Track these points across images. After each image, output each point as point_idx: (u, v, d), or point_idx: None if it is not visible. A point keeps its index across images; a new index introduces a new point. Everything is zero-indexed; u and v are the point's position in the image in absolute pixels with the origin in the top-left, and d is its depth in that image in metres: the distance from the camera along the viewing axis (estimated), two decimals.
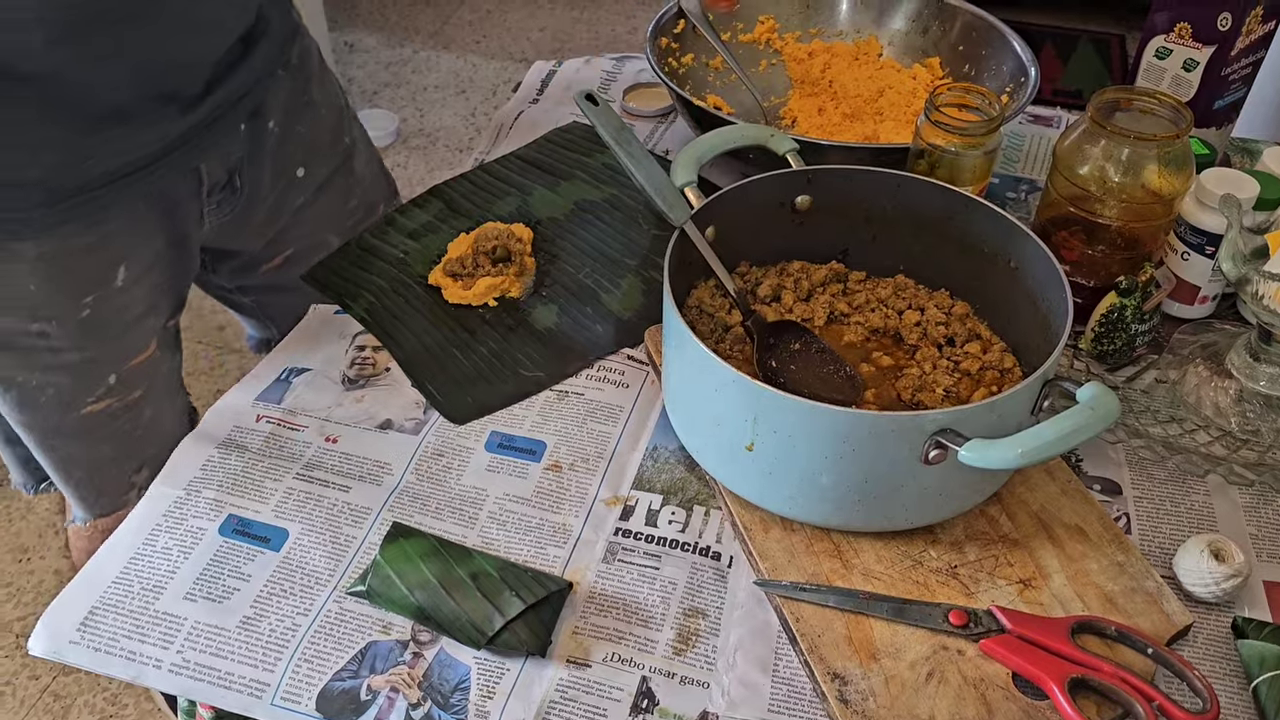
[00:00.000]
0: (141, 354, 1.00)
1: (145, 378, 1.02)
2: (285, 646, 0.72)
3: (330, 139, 1.11)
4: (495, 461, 0.84)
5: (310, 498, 0.81)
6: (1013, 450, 0.65)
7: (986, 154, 0.92)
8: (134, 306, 0.97)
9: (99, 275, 0.92)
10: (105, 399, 0.99)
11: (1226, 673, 0.71)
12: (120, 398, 1.00)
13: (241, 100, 0.95)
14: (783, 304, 0.89)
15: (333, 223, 1.12)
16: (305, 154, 1.07)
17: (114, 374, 0.98)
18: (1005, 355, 0.84)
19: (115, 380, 0.98)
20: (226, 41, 0.91)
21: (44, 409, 0.97)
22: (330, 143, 1.11)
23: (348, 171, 1.13)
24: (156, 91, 0.86)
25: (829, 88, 1.19)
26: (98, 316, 0.93)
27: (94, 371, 0.97)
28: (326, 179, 1.10)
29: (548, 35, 3.25)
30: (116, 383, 0.99)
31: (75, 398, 0.97)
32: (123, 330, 0.97)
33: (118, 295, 0.94)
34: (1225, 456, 0.84)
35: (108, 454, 1.04)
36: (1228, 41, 1.00)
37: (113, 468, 1.05)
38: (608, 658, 0.71)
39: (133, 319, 0.97)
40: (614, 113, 0.87)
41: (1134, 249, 0.91)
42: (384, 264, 1.02)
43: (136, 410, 1.02)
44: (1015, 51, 1.11)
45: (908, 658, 0.69)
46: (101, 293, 0.93)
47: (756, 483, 0.76)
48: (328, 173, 1.10)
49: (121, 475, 1.06)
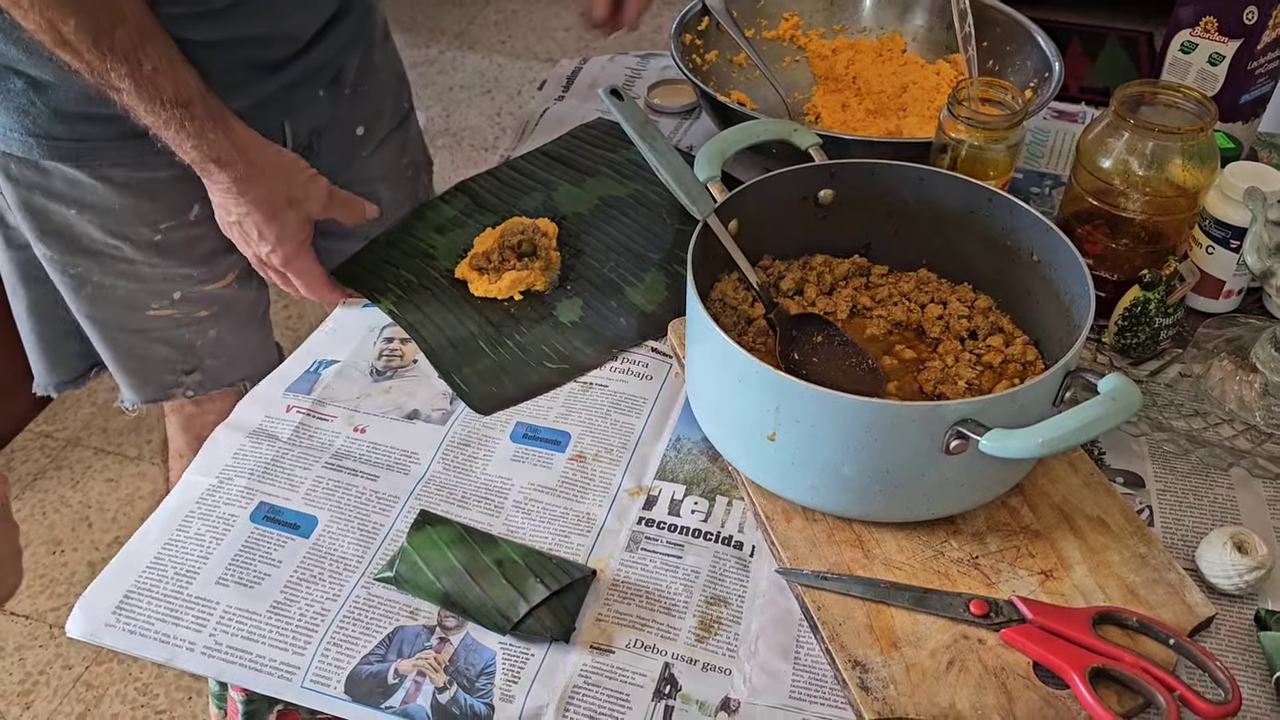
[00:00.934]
0: (217, 282, 1.09)
1: (216, 302, 1.11)
2: (315, 631, 0.73)
3: (392, 102, 1.19)
4: (520, 451, 0.86)
5: (339, 486, 0.83)
6: (1034, 439, 0.65)
7: (1009, 148, 0.92)
8: (208, 239, 1.04)
9: (175, 206, 1.01)
10: (170, 309, 1.08)
11: (1249, 665, 0.71)
12: (185, 312, 1.09)
13: (323, 68, 1.03)
14: (805, 297, 0.90)
15: (387, 177, 1.20)
16: (368, 114, 1.14)
17: (179, 291, 1.07)
18: (1028, 349, 0.85)
19: (180, 297, 1.07)
20: (322, 18, 1.01)
21: (112, 305, 1.07)
22: (391, 105, 1.19)
23: (404, 131, 1.22)
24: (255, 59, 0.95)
25: (852, 84, 1.20)
26: (169, 242, 1.03)
27: (162, 286, 1.06)
28: (385, 136, 1.18)
29: (572, 34, 3.26)
30: (181, 299, 1.08)
31: (142, 301, 1.07)
32: (196, 260, 1.06)
33: (191, 227, 1.03)
34: (1249, 450, 0.84)
35: (163, 354, 1.12)
36: (1254, 35, 1.00)
37: (165, 365, 1.13)
38: (631, 644, 0.72)
39: (207, 251, 1.06)
40: (638, 108, 0.88)
41: (1158, 243, 0.91)
42: (411, 258, 1.04)
43: (201, 326, 1.11)
44: (1040, 47, 1.11)
45: (929, 646, 0.70)
46: (175, 222, 1.02)
47: (779, 473, 0.76)
48: (386, 130, 1.18)
49: (172, 373, 1.14)
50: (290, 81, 1.00)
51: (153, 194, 0.99)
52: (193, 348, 1.12)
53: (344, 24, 1.04)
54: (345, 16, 1.04)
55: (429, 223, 1.08)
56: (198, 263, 1.06)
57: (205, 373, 1.15)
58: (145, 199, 0.99)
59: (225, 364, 1.16)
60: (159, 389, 1.15)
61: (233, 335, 1.15)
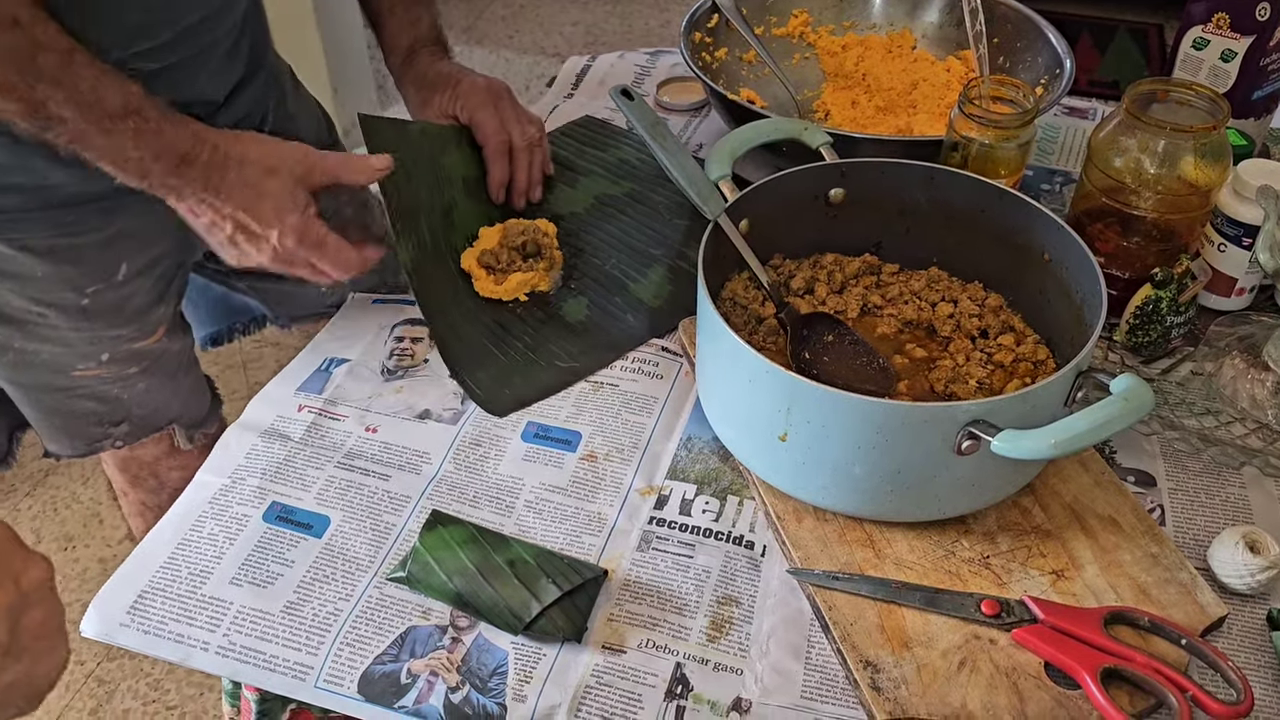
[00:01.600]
0: (146, 339, 1.06)
1: (145, 358, 1.08)
2: (328, 630, 0.74)
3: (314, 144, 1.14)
4: (531, 451, 0.86)
5: (351, 486, 0.83)
6: (1045, 440, 0.65)
7: (1020, 146, 0.92)
8: (136, 298, 1.02)
9: (101, 270, 0.98)
10: (97, 370, 1.05)
11: (1261, 664, 0.71)
12: (114, 372, 1.06)
13: (241, 123, 1.01)
14: (816, 296, 0.90)
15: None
16: None
17: (107, 353, 1.04)
18: (1039, 347, 0.85)
19: (108, 358, 1.05)
20: (230, 82, 0.99)
21: (35, 369, 1.04)
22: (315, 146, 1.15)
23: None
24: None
25: (862, 81, 1.19)
26: (96, 306, 1.00)
27: (89, 350, 1.03)
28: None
29: (580, 30, 3.26)
30: (109, 360, 1.05)
31: (67, 364, 1.04)
32: (124, 320, 1.03)
33: (119, 288, 1.00)
34: (1262, 449, 0.84)
35: (89, 408, 1.09)
36: (1266, 32, 0.99)
37: (91, 419, 1.10)
38: (642, 644, 0.73)
39: (135, 310, 1.03)
40: (649, 107, 0.88)
41: (1170, 241, 0.91)
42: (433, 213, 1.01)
43: (129, 382, 1.08)
44: (1050, 43, 1.11)
45: (940, 646, 0.70)
46: (102, 285, 0.99)
47: (790, 473, 0.76)
48: None
49: (100, 426, 1.11)
50: None
51: (77, 260, 0.96)
52: (120, 401, 1.09)
53: (253, 85, 1.03)
54: (252, 79, 1.03)
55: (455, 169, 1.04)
56: (126, 322, 1.03)
57: (133, 422, 1.12)
58: (69, 265, 0.96)
59: (153, 412, 1.13)
60: (87, 442, 1.12)
61: (161, 386, 1.12)
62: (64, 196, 0.91)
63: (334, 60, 2.50)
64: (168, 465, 1.23)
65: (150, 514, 1.27)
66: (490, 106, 1.03)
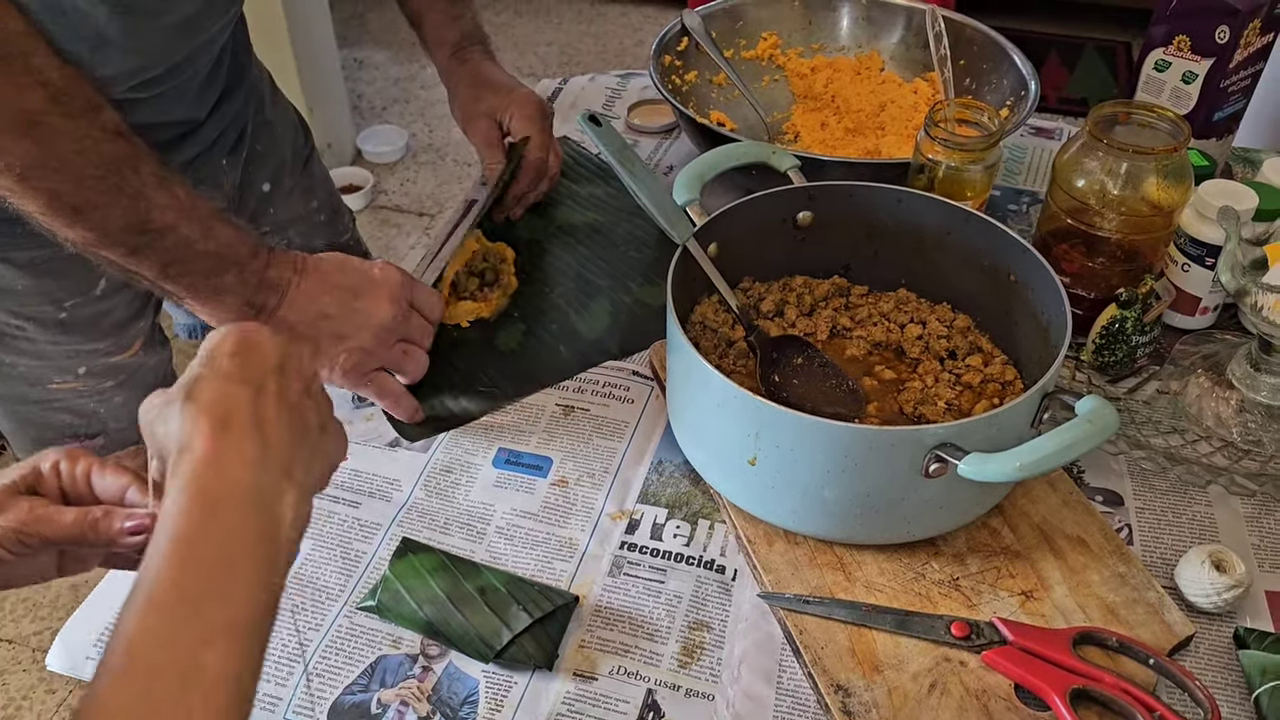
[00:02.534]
0: (123, 353, 1.06)
1: (122, 371, 1.07)
2: (296, 661, 0.73)
3: (292, 151, 1.17)
4: (502, 477, 0.86)
5: (321, 514, 0.83)
6: (1011, 464, 0.66)
7: (986, 168, 0.93)
8: (114, 312, 1.02)
9: (80, 283, 0.98)
10: (74, 383, 1.04)
11: (1228, 683, 0.72)
12: (91, 385, 1.06)
13: (219, 139, 1.02)
14: (785, 319, 0.90)
15: (295, 222, 1.19)
16: (271, 169, 1.13)
17: (84, 366, 1.04)
18: (1007, 368, 0.85)
19: (84, 371, 1.04)
20: (209, 103, 0.99)
21: (11, 381, 1.03)
22: (293, 154, 1.17)
23: (309, 175, 1.21)
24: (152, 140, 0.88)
25: (831, 102, 1.20)
26: (74, 319, 0.99)
27: (66, 363, 1.03)
28: (291, 186, 1.17)
29: (555, 50, 3.27)
30: (86, 373, 1.04)
31: (44, 377, 1.03)
32: (101, 334, 1.03)
33: (97, 302, 1.00)
34: (1227, 467, 0.84)
35: (65, 420, 1.08)
36: (1226, 54, 1.01)
37: (67, 430, 1.10)
38: (614, 670, 0.72)
39: (112, 324, 1.03)
40: (616, 133, 0.88)
41: (1134, 261, 0.92)
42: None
43: (105, 396, 1.08)
44: (1016, 65, 1.12)
45: (910, 669, 0.70)
46: (80, 300, 0.98)
47: (760, 496, 0.77)
48: (291, 179, 1.17)
49: (75, 438, 1.11)
50: (190, 158, 0.99)
51: (56, 272, 0.95)
52: (96, 415, 1.09)
53: (234, 99, 1.04)
54: (233, 94, 1.03)
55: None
56: (104, 336, 1.03)
57: (109, 435, 1.11)
58: (49, 277, 0.95)
59: (130, 426, 1.12)
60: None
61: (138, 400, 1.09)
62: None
63: (308, 80, 2.49)
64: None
65: None
66: (539, 123, 1.07)
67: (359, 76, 3.12)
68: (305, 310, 0.82)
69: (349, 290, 0.84)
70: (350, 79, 3.08)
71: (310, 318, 0.82)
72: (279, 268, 0.82)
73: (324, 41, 2.62)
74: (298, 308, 0.82)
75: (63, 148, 0.72)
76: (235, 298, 0.81)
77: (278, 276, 0.82)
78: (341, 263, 0.85)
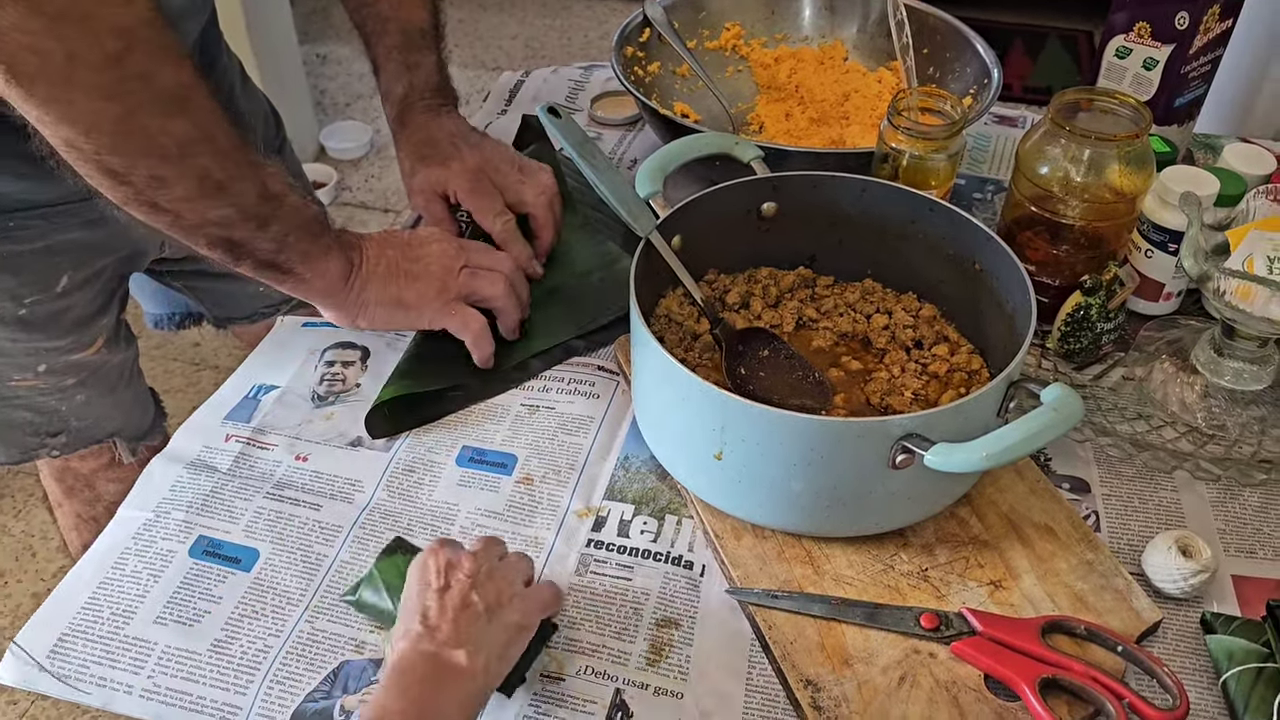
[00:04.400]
0: (85, 351, 1.04)
1: (84, 369, 1.05)
2: (257, 669, 0.72)
3: (262, 141, 1.15)
4: (466, 476, 0.84)
5: (281, 517, 0.81)
6: (977, 454, 0.65)
7: (950, 157, 0.92)
8: (75, 309, 1.00)
9: (41, 280, 0.95)
10: (34, 380, 1.02)
11: (1196, 668, 0.72)
12: (51, 383, 1.03)
13: None
14: (751, 311, 0.89)
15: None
16: None
17: (45, 364, 1.01)
18: (973, 357, 0.85)
19: (45, 369, 1.02)
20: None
21: None
22: (263, 144, 1.15)
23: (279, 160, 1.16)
24: None
25: (795, 93, 1.19)
26: (35, 316, 0.97)
27: (25, 360, 1.01)
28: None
29: (519, 43, 3.24)
30: (46, 371, 1.02)
31: (3, 374, 1.01)
32: (62, 331, 1.00)
33: (56, 300, 0.97)
34: (1192, 452, 0.85)
35: (25, 418, 1.06)
36: (1186, 40, 1.01)
37: (28, 428, 1.07)
38: (581, 671, 0.71)
39: (73, 321, 1.01)
40: (576, 125, 0.87)
41: (1098, 248, 0.92)
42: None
43: (67, 393, 1.06)
44: (979, 54, 1.12)
45: (880, 663, 0.70)
46: (41, 297, 0.96)
47: (726, 491, 0.76)
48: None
49: (36, 435, 1.08)
50: None
51: (17, 268, 0.93)
52: (57, 412, 1.07)
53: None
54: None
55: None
56: (64, 333, 1.01)
57: (71, 434, 1.10)
58: (9, 273, 0.93)
59: (93, 424, 1.11)
60: (22, 450, 1.09)
61: (101, 398, 1.10)
62: (8, 203, 0.88)
63: (269, 76, 2.45)
64: (105, 478, 1.20)
65: (85, 526, 1.25)
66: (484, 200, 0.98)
67: (321, 72, 3.08)
68: (380, 260, 0.86)
69: (403, 243, 0.88)
70: (312, 75, 3.04)
71: (387, 268, 0.86)
72: (343, 231, 0.86)
73: (284, 36, 2.58)
74: (374, 260, 0.86)
75: (208, 121, 0.72)
76: (338, 258, 0.83)
77: (350, 237, 0.86)
78: (383, 232, 0.89)
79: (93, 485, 1.21)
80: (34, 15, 0.62)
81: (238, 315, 1.25)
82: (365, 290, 0.85)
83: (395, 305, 0.86)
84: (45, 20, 0.62)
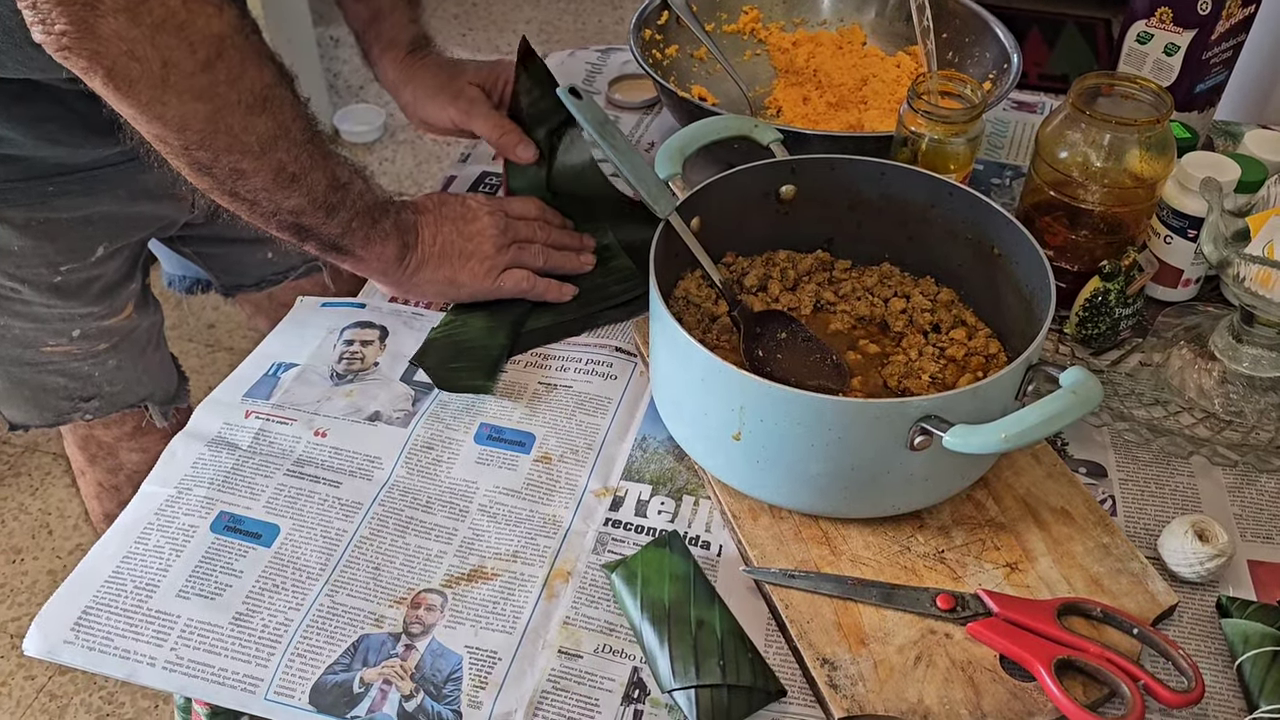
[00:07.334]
0: (116, 316, 1.07)
1: (115, 334, 1.08)
2: (278, 642, 0.72)
3: None
4: (485, 454, 0.85)
5: (301, 493, 0.82)
6: (996, 435, 0.65)
7: (969, 141, 0.92)
8: (108, 276, 1.02)
9: (77, 249, 0.98)
10: (68, 346, 1.05)
11: (1211, 651, 0.72)
12: (84, 348, 1.06)
13: None
14: (769, 293, 0.89)
15: None
16: None
17: (78, 329, 1.04)
18: (990, 341, 0.85)
19: (78, 334, 1.05)
20: None
21: (4, 343, 1.04)
22: None
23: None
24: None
25: (813, 77, 1.19)
26: (69, 284, 1.00)
27: (60, 326, 1.03)
28: None
29: (534, 27, 3.24)
30: (79, 336, 1.05)
31: (38, 340, 1.03)
32: (94, 298, 1.03)
33: (91, 268, 1.00)
34: (1209, 438, 0.85)
35: (59, 383, 1.09)
36: (1208, 25, 1.00)
37: (61, 393, 1.10)
38: (599, 648, 0.72)
39: (104, 288, 1.03)
40: (598, 106, 0.87)
41: (1117, 233, 0.92)
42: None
43: (99, 359, 1.08)
44: (998, 38, 1.12)
45: (896, 642, 0.70)
46: (76, 264, 0.99)
47: (744, 471, 0.76)
48: None
49: (69, 400, 1.11)
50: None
51: (54, 235, 0.96)
52: (90, 378, 1.10)
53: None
54: None
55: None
56: (96, 300, 1.04)
57: (104, 399, 1.13)
58: (46, 240, 0.96)
59: (124, 389, 1.14)
60: (55, 415, 1.12)
61: (133, 362, 1.13)
62: (46, 167, 0.90)
63: (282, 58, 2.46)
64: (128, 447, 1.23)
65: (107, 495, 1.28)
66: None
67: (335, 55, 3.08)
68: (435, 242, 0.91)
69: (457, 219, 0.93)
70: (326, 57, 3.04)
71: (441, 249, 0.91)
72: (403, 210, 0.90)
73: (298, 19, 2.58)
74: (429, 242, 0.91)
75: (286, 117, 0.77)
76: (394, 242, 0.88)
77: (408, 217, 0.90)
78: (439, 199, 0.94)
79: (115, 454, 1.23)
80: (134, 25, 0.65)
81: (245, 283, 1.28)
82: (420, 272, 0.90)
83: (448, 284, 0.92)
84: (145, 29, 0.66)
